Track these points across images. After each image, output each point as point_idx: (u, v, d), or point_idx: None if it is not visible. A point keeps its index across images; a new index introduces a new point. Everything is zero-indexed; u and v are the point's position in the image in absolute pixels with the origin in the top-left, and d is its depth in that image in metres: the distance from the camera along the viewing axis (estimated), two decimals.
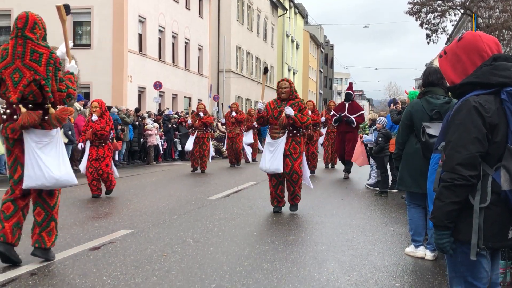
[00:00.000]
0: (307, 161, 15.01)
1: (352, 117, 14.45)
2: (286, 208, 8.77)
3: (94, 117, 10.21)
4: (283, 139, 8.43)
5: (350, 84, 16.36)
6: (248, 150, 20.20)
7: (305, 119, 8.43)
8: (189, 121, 16.50)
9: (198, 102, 18.58)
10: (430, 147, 5.00)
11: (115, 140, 10.71)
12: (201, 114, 16.10)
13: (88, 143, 10.29)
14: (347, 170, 14.68)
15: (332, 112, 15.43)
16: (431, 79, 5.78)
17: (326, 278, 4.99)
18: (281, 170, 8.31)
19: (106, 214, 8.25)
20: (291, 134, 8.52)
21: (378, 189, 11.43)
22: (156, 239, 6.51)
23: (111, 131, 10.56)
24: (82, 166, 10.35)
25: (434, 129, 5.14)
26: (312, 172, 15.12)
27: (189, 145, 16.27)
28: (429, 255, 5.78)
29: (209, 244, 6.27)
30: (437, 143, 2.93)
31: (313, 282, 4.86)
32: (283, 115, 8.38)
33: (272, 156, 8.37)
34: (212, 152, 18.27)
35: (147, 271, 5.11)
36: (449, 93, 5.04)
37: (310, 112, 8.82)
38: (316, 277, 5.02)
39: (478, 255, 2.72)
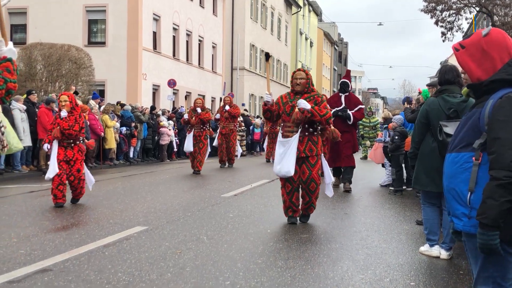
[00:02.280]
0: None
1: (349, 112, 11.36)
2: None
3: (63, 113, 8.83)
4: (295, 138, 7.26)
5: (348, 72, 12.80)
6: (240, 149, 18.59)
7: (324, 112, 7.26)
8: (185, 116, 15.05)
9: (187, 96, 17.54)
10: (448, 146, 4.96)
11: (86, 140, 9.30)
12: (198, 110, 14.66)
13: (55, 144, 8.83)
14: (348, 179, 11.41)
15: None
16: (447, 77, 5.74)
17: (340, 277, 4.98)
18: (292, 173, 7.20)
19: (120, 211, 8.29)
20: (306, 133, 7.33)
21: (392, 188, 11.40)
22: (170, 236, 6.53)
23: (81, 131, 9.03)
24: (51, 171, 8.71)
25: (451, 128, 5.09)
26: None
27: (188, 145, 14.77)
28: (444, 254, 5.75)
29: (223, 242, 6.28)
30: (461, 142, 2.87)
31: (327, 280, 4.85)
32: (296, 109, 7.27)
33: (284, 157, 7.27)
34: (239, 149, 17.78)
35: (162, 267, 5.13)
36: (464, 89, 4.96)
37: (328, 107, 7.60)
38: (330, 275, 5.01)
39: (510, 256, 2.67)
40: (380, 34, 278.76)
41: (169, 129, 20.78)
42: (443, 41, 35.74)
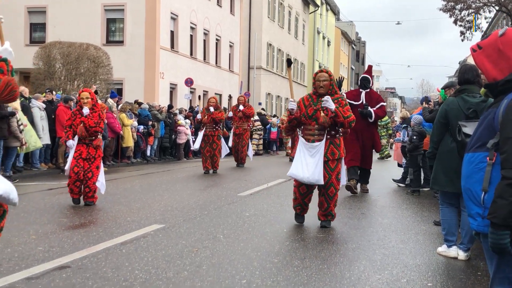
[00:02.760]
0: None
1: (370, 109, 10.74)
2: (313, 214, 8.56)
3: (86, 111, 8.67)
4: (323, 143, 6.99)
5: (369, 67, 11.93)
6: (251, 150, 17.89)
7: (349, 114, 6.97)
8: (198, 116, 14.91)
9: (204, 95, 17.08)
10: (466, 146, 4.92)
11: (99, 136, 8.97)
12: (211, 109, 14.47)
13: (76, 140, 8.75)
14: (365, 180, 11.19)
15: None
16: (467, 76, 5.68)
17: (357, 277, 4.97)
18: (322, 181, 6.92)
19: (138, 209, 8.33)
20: (328, 136, 7.07)
21: (402, 184, 11.39)
22: (187, 234, 6.55)
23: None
24: (68, 166, 8.73)
25: (470, 128, 5.04)
26: None
27: (196, 144, 14.92)
28: (462, 255, 5.70)
29: (239, 240, 6.28)
30: (477, 142, 2.86)
31: (343, 280, 4.84)
32: (320, 113, 6.96)
33: (312, 163, 6.91)
34: (251, 151, 17.41)
35: (178, 266, 5.15)
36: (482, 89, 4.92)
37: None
38: (346, 275, 4.99)
39: None
40: (398, 33, 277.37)
41: (186, 128, 20.84)
42: (462, 40, 35.45)
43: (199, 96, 18.39)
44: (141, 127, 18.18)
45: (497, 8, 34.93)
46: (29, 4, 26.93)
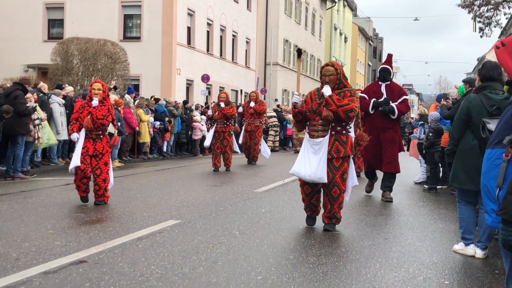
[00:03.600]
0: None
1: (393, 104, 9.44)
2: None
3: (95, 102, 8.25)
4: (326, 140, 6.62)
5: (389, 56, 10.33)
6: (266, 148, 16.88)
7: (344, 102, 6.48)
8: (209, 112, 14.53)
9: (220, 91, 15.87)
10: None
11: (115, 134, 8.58)
12: (222, 104, 14.08)
13: (82, 134, 8.29)
14: (389, 187, 9.57)
15: (360, 95, 9.56)
16: (492, 73, 5.60)
17: (373, 274, 4.94)
18: (325, 179, 6.55)
19: (154, 205, 8.37)
20: (333, 132, 6.64)
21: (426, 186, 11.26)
22: (203, 230, 6.56)
23: (113, 122, 8.82)
24: (73, 163, 8.24)
25: (494, 125, 5.00)
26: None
27: (207, 141, 14.64)
28: (479, 253, 5.65)
29: (255, 237, 6.28)
30: (495, 138, 2.84)
31: (359, 278, 4.81)
32: (323, 108, 6.61)
33: (315, 160, 6.58)
34: (267, 149, 16.68)
35: (194, 261, 5.16)
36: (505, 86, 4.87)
37: (358, 104, 6.66)
38: (363, 273, 4.97)
39: None
40: (416, 30, 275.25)
41: (202, 124, 20.89)
42: (481, 37, 35.05)
43: (209, 92, 17.73)
44: (158, 123, 18.25)
45: None
46: (47, 1, 27.12)
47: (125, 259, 5.20)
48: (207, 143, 14.62)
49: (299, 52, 7.12)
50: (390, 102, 9.42)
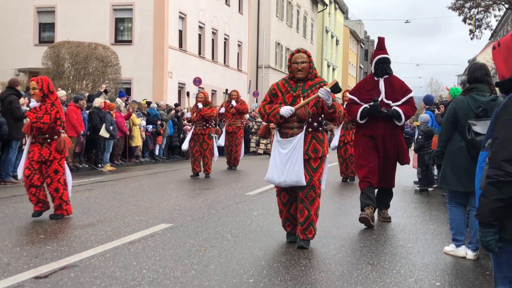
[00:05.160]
0: (346, 165, 12.54)
1: (397, 108, 7.29)
2: (321, 213, 8.56)
3: (32, 103, 7.33)
4: (300, 137, 5.81)
5: (381, 40, 7.91)
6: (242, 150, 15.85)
7: (341, 108, 6.00)
8: (188, 114, 13.51)
9: (199, 91, 14.64)
10: (476, 145, 4.90)
11: (63, 135, 7.36)
12: (199, 105, 13.10)
13: (29, 140, 7.41)
14: (385, 205, 7.92)
15: (349, 97, 7.70)
16: (476, 75, 5.65)
17: (365, 276, 4.95)
18: (304, 181, 5.76)
19: (146, 208, 8.35)
20: (310, 129, 5.88)
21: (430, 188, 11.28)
22: (194, 233, 6.56)
23: (56, 123, 7.30)
24: (19, 171, 7.54)
25: (480, 127, 5.03)
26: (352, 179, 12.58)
27: (184, 144, 13.64)
28: (470, 254, 5.67)
29: (247, 239, 6.28)
30: (484, 141, 2.88)
31: (351, 280, 4.82)
32: (300, 100, 5.82)
33: (288, 161, 5.78)
34: (242, 150, 15.69)
35: (186, 265, 5.16)
36: (495, 89, 4.91)
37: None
38: (354, 275, 4.98)
39: None
40: (407, 32, 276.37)
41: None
42: (471, 39, 35.32)
43: (187, 93, 16.02)
44: (150, 126, 18.23)
45: (506, 6, 34.71)
46: (38, 4, 27.05)
47: (116, 263, 5.19)
48: (184, 146, 13.68)
49: (338, 87, 5.82)
50: (391, 102, 7.36)
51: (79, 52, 22.46)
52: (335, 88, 5.77)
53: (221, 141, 15.71)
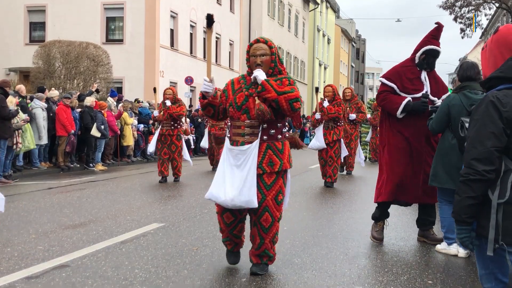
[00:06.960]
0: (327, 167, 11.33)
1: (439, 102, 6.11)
2: (313, 212, 8.64)
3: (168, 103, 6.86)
4: (255, 147, 4.71)
5: (440, 27, 6.69)
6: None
7: (287, 89, 4.59)
8: (155, 113, 12.11)
9: (166, 88, 12.81)
10: None
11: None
12: (168, 102, 11.75)
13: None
14: (431, 223, 6.45)
15: (386, 84, 6.28)
16: (468, 73, 5.67)
17: (357, 274, 4.96)
18: (255, 203, 4.63)
19: (138, 208, 8.33)
20: (265, 137, 4.75)
21: None
22: (187, 233, 6.55)
23: None
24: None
25: None
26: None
27: (151, 146, 12.37)
28: (462, 252, 5.69)
29: None
30: None
31: (343, 278, 4.83)
32: (257, 100, 4.68)
33: (238, 177, 4.67)
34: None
35: (178, 264, 5.15)
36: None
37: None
38: (347, 273, 4.99)
39: (505, 252, 2.68)
40: (398, 31, 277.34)
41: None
42: (462, 37, 35.51)
43: (154, 89, 14.20)
44: (141, 126, 18.17)
45: (497, 5, 34.90)
46: (29, 3, 26.91)
47: (108, 263, 5.17)
48: (151, 148, 12.43)
49: (210, 20, 5.02)
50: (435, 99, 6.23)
51: (70, 51, 22.37)
52: (208, 22, 4.98)
53: (204, 143, 15.17)
